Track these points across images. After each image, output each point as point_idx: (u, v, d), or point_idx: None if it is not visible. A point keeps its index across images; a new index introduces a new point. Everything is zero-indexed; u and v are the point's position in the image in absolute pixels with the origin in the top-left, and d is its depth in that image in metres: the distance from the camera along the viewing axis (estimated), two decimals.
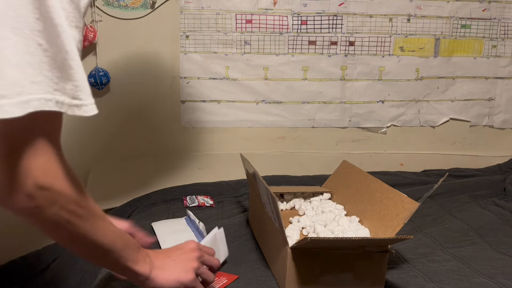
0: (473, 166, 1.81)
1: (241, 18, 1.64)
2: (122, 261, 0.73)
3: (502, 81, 1.84)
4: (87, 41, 1.53)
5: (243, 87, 1.69)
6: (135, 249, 0.75)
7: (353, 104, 1.77)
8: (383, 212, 1.00)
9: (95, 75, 1.56)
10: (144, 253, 0.77)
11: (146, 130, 1.68)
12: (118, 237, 0.72)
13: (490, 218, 1.38)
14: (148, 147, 1.69)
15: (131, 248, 0.74)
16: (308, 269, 0.90)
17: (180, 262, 0.82)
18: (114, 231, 0.71)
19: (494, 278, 1.03)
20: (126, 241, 0.74)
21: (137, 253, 0.75)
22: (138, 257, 0.75)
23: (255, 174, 1.03)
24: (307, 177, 1.64)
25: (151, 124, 1.68)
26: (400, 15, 1.72)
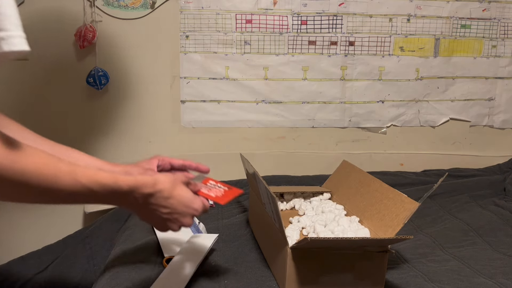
0: (473, 166, 1.81)
1: (241, 18, 1.64)
2: (103, 202, 0.73)
3: (502, 81, 1.84)
4: (86, 41, 1.53)
5: (243, 87, 1.69)
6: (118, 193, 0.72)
7: (353, 104, 1.77)
8: (383, 212, 1.00)
9: (94, 75, 1.56)
10: (137, 195, 0.74)
11: (146, 130, 1.68)
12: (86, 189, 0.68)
13: (490, 218, 1.38)
14: (148, 147, 1.69)
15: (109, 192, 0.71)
16: (308, 269, 0.90)
17: (168, 221, 0.80)
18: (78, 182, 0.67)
19: (494, 278, 1.03)
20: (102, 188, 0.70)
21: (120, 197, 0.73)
22: (123, 200, 0.74)
23: (255, 174, 1.03)
24: (307, 177, 1.64)
25: (151, 124, 1.68)
26: (400, 15, 1.72)
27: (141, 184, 0.75)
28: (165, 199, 0.78)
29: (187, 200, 0.80)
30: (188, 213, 0.81)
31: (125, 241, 1.19)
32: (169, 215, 0.79)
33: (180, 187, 0.80)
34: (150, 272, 1.00)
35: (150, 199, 0.76)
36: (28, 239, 1.66)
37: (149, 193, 0.75)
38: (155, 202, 0.77)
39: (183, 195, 0.80)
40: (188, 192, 0.81)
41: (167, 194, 0.78)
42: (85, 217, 1.69)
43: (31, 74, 1.59)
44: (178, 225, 0.81)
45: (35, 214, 1.68)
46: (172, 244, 1.10)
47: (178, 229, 0.82)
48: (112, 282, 0.98)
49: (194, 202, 0.81)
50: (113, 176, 0.72)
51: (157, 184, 0.76)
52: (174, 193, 0.78)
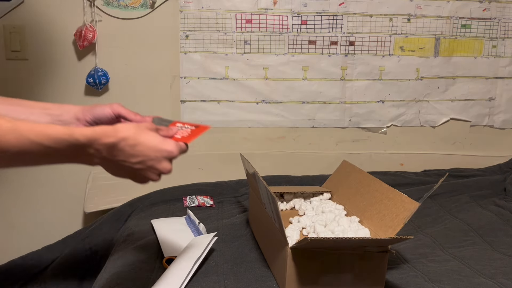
0: (473, 166, 1.81)
1: (241, 18, 1.64)
2: (63, 160, 0.69)
3: (502, 81, 1.84)
4: (86, 41, 1.53)
5: (243, 87, 1.69)
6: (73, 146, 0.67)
7: (353, 104, 1.77)
8: (383, 212, 1.00)
9: (94, 75, 1.56)
10: (98, 146, 0.69)
11: None
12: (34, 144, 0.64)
13: (490, 218, 1.38)
14: None
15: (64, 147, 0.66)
16: (308, 269, 0.89)
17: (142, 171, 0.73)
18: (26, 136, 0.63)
19: (494, 278, 1.03)
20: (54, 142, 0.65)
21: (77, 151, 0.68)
22: (80, 154, 0.69)
23: (255, 174, 1.03)
24: (307, 177, 1.64)
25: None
26: (400, 15, 1.72)
27: (100, 134, 0.68)
28: (131, 147, 0.71)
29: (157, 143, 0.73)
30: (162, 156, 0.73)
31: (125, 241, 1.19)
32: (141, 164, 0.72)
33: (146, 132, 0.73)
34: (150, 272, 1.00)
35: (114, 150, 0.70)
36: (28, 239, 1.66)
37: (112, 143, 0.69)
38: (121, 152, 0.70)
39: (151, 139, 0.73)
40: (156, 136, 0.74)
41: (132, 141, 0.71)
42: (85, 217, 1.69)
43: (31, 74, 1.59)
44: (156, 172, 0.74)
45: (35, 214, 1.68)
46: (172, 244, 1.10)
47: (158, 178, 0.75)
48: (112, 282, 0.98)
49: (165, 144, 0.74)
50: (67, 129, 0.67)
51: (119, 132, 0.70)
52: (141, 139, 0.71)
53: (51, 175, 1.66)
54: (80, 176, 1.65)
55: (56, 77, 1.60)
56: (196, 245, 1.05)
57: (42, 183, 1.66)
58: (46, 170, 1.65)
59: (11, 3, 1.52)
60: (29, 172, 1.65)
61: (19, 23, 1.54)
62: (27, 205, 1.67)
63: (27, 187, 1.66)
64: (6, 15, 1.53)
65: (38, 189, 1.67)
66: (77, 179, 1.66)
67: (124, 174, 0.74)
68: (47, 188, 1.67)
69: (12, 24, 1.54)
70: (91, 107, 0.87)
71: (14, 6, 1.53)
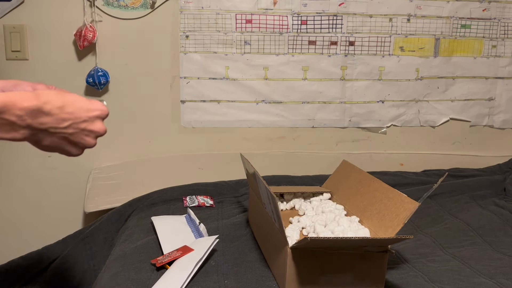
0: (473, 166, 1.81)
1: (241, 18, 1.64)
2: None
3: (502, 81, 1.84)
4: (86, 41, 1.53)
5: (243, 87, 1.69)
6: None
7: (353, 104, 1.77)
8: (383, 212, 1.00)
9: (94, 75, 1.56)
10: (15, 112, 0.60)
11: (146, 130, 1.68)
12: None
13: (490, 218, 1.38)
14: (148, 147, 1.69)
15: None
16: (308, 269, 0.89)
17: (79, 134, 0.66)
18: None
19: (494, 278, 1.03)
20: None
21: None
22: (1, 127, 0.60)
23: (255, 174, 1.03)
24: (307, 177, 1.64)
25: (151, 124, 1.68)
26: (400, 15, 1.72)
27: (18, 97, 0.60)
28: (60, 109, 0.63)
29: (84, 102, 0.66)
30: (94, 116, 0.67)
31: (125, 241, 1.19)
32: (73, 127, 0.65)
33: (69, 93, 0.66)
34: (150, 273, 1.00)
35: (40, 114, 0.61)
36: (28, 239, 1.66)
37: (35, 107, 0.61)
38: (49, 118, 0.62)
39: (77, 99, 0.65)
40: (80, 97, 0.67)
41: (59, 103, 0.63)
42: (85, 217, 1.69)
43: (31, 74, 1.59)
44: (92, 136, 0.68)
45: (35, 214, 1.68)
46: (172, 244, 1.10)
47: (94, 142, 0.68)
48: (112, 282, 0.98)
49: (93, 103, 0.67)
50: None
51: (40, 96, 0.62)
52: (65, 99, 0.64)
53: (51, 175, 1.66)
54: (80, 176, 1.65)
55: (56, 77, 1.60)
56: (198, 247, 1.05)
57: (42, 183, 1.67)
58: (46, 170, 1.65)
59: (11, 3, 1.53)
60: (30, 172, 1.65)
61: (19, 23, 1.54)
62: (27, 205, 1.68)
63: (27, 187, 1.66)
64: (6, 15, 1.53)
65: (38, 189, 1.67)
66: (77, 179, 1.66)
67: (57, 145, 0.66)
68: (47, 188, 1.67)
69: (12, 24, 1.54)
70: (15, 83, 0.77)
71: (14, 6, 1.53)
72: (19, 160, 1.64)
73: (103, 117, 0.69)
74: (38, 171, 1.65)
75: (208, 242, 1.05)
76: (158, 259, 1.03)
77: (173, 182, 1.57)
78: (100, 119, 0.68)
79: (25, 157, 1.64)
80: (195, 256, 1.00)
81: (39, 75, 1.59)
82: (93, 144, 0.68)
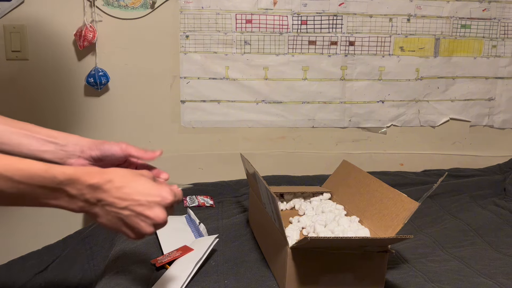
0: (473, 166, 1.81)
1: (241, 18, 1.64)
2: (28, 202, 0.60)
3: (502, 81, 1.84)
4: (86, 41, 1.53)
5: (243, 87, 1.69)
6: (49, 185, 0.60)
7: (353, 104, 1.77)
8: (383, 212, 1.00)
9: (94, 75, 1.56)
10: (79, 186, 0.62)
11: (146, 130, 1.68)
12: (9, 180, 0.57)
13: (490, 218, 1.38)
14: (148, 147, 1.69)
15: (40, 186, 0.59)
16: (308, 269, 0.89)
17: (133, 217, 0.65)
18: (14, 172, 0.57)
19: (494, 278, 1.03)
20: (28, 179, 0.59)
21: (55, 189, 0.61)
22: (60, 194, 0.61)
23: (255, 174, 1.03)
24: (307, 177, 1.64)
25: (151, 124, 1.68)
26: (400, 15, 1.72)
27: (83, 173, 0.62)
28: (118, 189, 0.64)
29: (147, 187, 0.66)
30: (153, 202, 0.65)
31: (125, 241, 1.19)
32: (129, 209, 0.64)
33: (138, 176, 0.66)
34: (150, 273, 1.00)
35: (99, 192, 0.63)
36: (28, 239, 1.66)
37: (95, 184, 0.63)
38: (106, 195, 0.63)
39: (141, 183, 0.66)
40: (148, 181, 0.67)
41: (119, 183, 0.64)
42: (85, 217, 1.69)
43: (31, 74, 1.59)
44: (148, 222, 0.66)
45: (35, 214, 1.68)
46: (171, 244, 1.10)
47: (150, 229, 0.66)
48: (112, 282, 0.98)
49: (158, 188, 0.67)
50: (44, 164, 0.60)
51: (105, 173, 0.64)
52: (129, 181, 0.65)
53: None
54: None
55: (56, 77, 1.60)
56: (198, 246, 1.05)
57: None
58: None
59: (11, 3, 1.53)
60: None
61: (19, 23, 1.54)
62: None
63: None
64: (6, 15, 1.53)
65: None
66: None
67: (113, 224, 0.66)
68: None
69: (12, 24, 1.54)
70: (100, 143, 0.82)
71: (14, 6, 1.53)
72: None
73: (163, 204, 0.67)
74: None
75: (207, 242, 1.05)
76: (158, 259, 1.03)
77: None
78: (160, 206, 0.66)
79: None
80: (195, 256, 1.00)
81: (39, 75, 1.59)
82: (149, 232, 0.66)
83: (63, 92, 1.61)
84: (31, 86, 1.60)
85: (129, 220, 0.65)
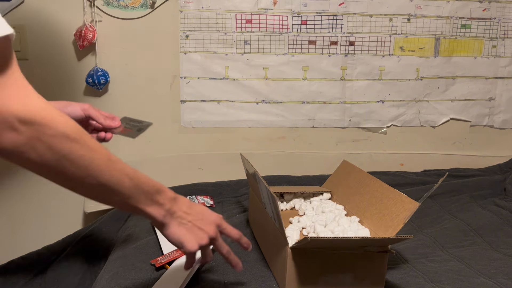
0: (473, 166, 1.81)
1: (241, 18, 1.64)
2: (131, 203, 0.70)
3: (502, 81, 1.84)
4: (86, 41, 1.53)
5: (243, 87, 1.69)
6: (150, 191, 0.72)
7: (353, 104, 1.77)
8: (383, 212, 1.00)
9: (94, 75, 1.56)
10: (164, 197, 0.75)
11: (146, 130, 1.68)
12: (127, 177, 0.67)
13: (490, 218, 1.38)
14: (148, 147, 1.69)
15: (144, 190, 0.71)
16: (308, 269, 0.89)
17: (195, 229, 0.78)
18: (121, 170, 0.67)
19: (494, 278, 1.03)
20: (138, 181, 0.70)
21: (152, 195, 0.72)
22: (154, 200, 0.73)
23: (255, 174, 1.03)
24: (307, 177, 1.64)
25: None
26: (400, 15, 1.72)
27: (164, 187, 0.76)
28: (188, 206, 0.79)
29: (204, 209, 0.82)
30: (211, 220, 0.81)
31: (125, 241, 1.19)
32: (192, 222, 0.78)
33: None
34: (150, 273, 1.00)
35: (174, 204, 0.76)
36: (28, 239, 1.66)
37: (174, 197, 0.76)
38: (180, 206, 0.77)
39: (199, 205, 0.82)
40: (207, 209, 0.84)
41: (188, 202, 0.80)
42: (85, 217, 1.69)
43: (31, 74, 1.58)
44: (205, 234, 0.79)
45: (35, 214, 1.68)
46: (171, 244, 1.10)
47: (206, 240, 0.79)
48: (111, 282, 0.98)
49: (212, 212, 0.83)
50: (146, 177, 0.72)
51: (175, 193, 0.78)
52: (192, 203, 0.81)
53: None
54: None
55: (56, 77, 1.60)
56: None
57: (43, 183, 1.66)
58: None
59: (11, 3, 1.53)
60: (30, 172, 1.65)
61: (19, 23, 1.54)
62: (27, 205, 1.67)
63: (27, 187, 1.66)
64: (6, 15, 1.53)
65: (38, 189, 1.67)
66: None
67: (179, 231, 0.77)
68: (47, 188, 1.67)
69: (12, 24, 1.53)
70: (64, 106, 0.93)
71: (14, 6, 1.53)
72: None
73: (218, 226, 0.82)
74: None
75: None
76: (158, 259, 1.03)
77: (173, 182, 1.57)
78: (216, 226, 0.81)
79: None
80: None
81: (39, 75, 1.59)
82: (205, 241, 0.79)
83: (63, 92, 1.61)
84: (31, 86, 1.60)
85: (192, 229, 0.78)
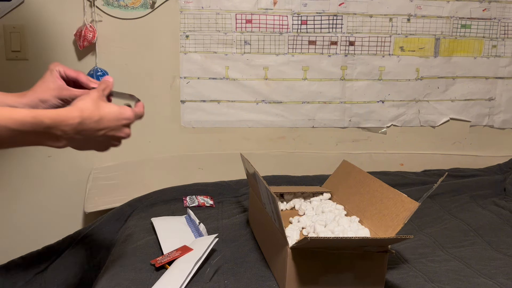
0: (473, 166, 1.81)
1: (241, 18, 1.64)
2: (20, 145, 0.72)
3: (502, 81, 1.84)
4: (86, 41, 1.53)
5: (243, 87, 1.69)
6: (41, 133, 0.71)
7: (353, 104, 1.77)
8: (383, 212, 1.00)
9: (93, 75, 1.56)
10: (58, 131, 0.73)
11: (146, 130, 1.68)
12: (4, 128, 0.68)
13: (490, 218, 1.38)
14: (148, 147, 1.69)
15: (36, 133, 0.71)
16: (308, 269, 0.89)
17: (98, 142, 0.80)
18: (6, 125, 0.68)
19: (494, 278, 1.03)
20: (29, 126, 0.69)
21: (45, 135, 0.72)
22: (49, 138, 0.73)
23: (255, 174, 1.03)
24: (307, 177, 1.64)
25: (151, 124, 1.68)
26: (400, 15, 1.72)
27: (66, 115, 0.74)
28: (97, 122, 0.77)
29: (116, 113, 0.80)
30: (122, 124, 0.81)
31: (125, 241, 1.19)
32: (104, 136, 0.79)
33: (104, 104, 0.80)
34: (150, 273, 1.00)
35: (81, 127, 0.75)
36: (28, 239, 1.66)
37: (78, 123, 0.75)
38: (88, 128, 0.76)
39: (111, 111, 0.80)
40: (113, 106, 0.81)
41: (96, 117, 0.77)
42: (85, 217, 1.69)
43: (31, 74, 1.59)
44: (117, 139, 0.82)
45: (35, 214, 1.68)
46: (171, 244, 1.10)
47: (119, 144, 0.83)
48: (112, 282, 0.98)
49: (123, 112, 0.82)
50: (32, 111, 0.71)
51: (83, 111, 0.76)
52: (102, 112, 0.78)
53: (51, 175, 1.66)
54: (80, 176, 1.65)
55: None
56: (197, 246, 1.05)
57: (42, 183, 1.66)
58: (46, 170, 1.65)
59: (11, 3, 1.53)
60: (30, 172, 1.65)
61: (19, 23, 1.54)
62: (27, 205, 1.67)
63: (27, 187, 1.66)
64: (6, 15, 1.53)
65: (38, 189, 1.67)
66: (77, 179, 1.66)
67: (89, 146, 0.80)
68: (47, 188, 1.67)
69: (12, 24, 1.54)
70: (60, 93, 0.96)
71: (14, 6, 1.53)
72: (19, 160, 1.64)
73: (129, 124, 0.83)
74: (38, 171, 1.65)
75: (207, 241, 1.05)
76: (158, 259, 1.03)
77: (173, 182, 1.57)
78: (127, 126, 0.83)
79: (25, 157, 1.64)
80: (194, 256, 1.00)
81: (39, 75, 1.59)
82: (118, 145, 0.84)
83: None
84: (31, 86, 1.59)
85: (102, 142, 0.81)
